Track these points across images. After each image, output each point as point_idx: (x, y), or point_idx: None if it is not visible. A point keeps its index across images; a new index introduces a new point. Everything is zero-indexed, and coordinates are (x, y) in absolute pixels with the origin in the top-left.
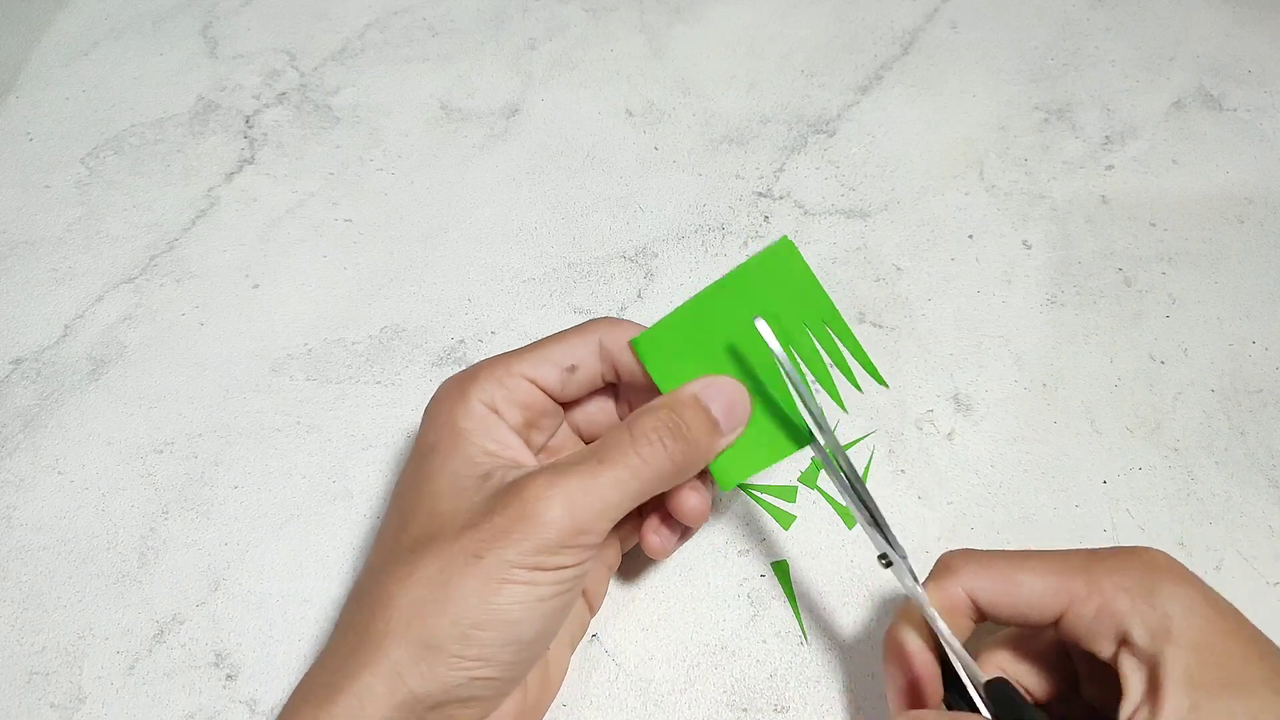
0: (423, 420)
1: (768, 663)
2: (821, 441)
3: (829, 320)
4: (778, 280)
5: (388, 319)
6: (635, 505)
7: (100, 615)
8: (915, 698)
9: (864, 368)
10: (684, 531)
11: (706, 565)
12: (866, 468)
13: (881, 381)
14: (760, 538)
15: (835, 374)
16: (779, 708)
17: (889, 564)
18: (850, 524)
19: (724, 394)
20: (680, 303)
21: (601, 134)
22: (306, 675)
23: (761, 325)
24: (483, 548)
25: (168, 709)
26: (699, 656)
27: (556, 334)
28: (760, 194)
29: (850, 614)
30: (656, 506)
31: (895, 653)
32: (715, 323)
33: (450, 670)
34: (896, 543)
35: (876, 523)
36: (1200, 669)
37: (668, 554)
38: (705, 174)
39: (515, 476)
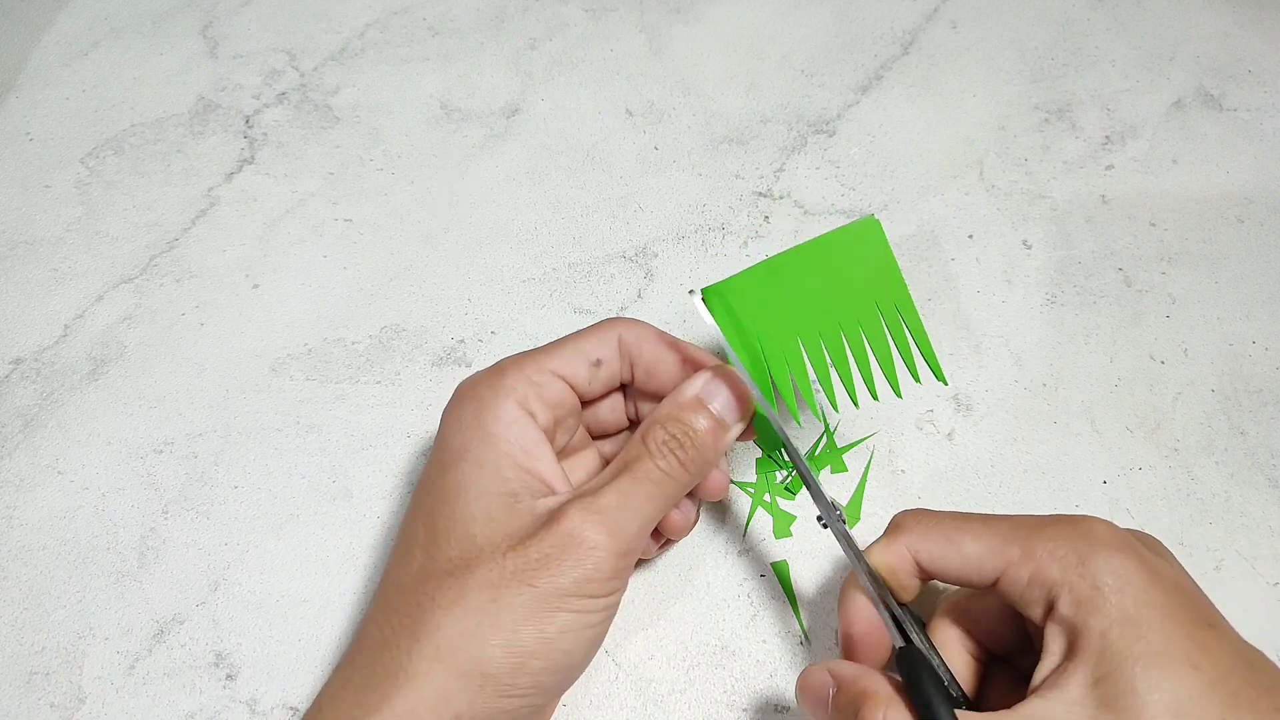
0: (447, 418)
1: (768, 663)
2: (770, 417)
3: (901, 307)
4: (857, 257)
5: (388, 319)
6: (666, 513)
7: (100, 615)
8: (856, 654)
9: (927, 361)
10: (666, 541)
11: (706, 565)
12: (866, 468)
13: (941, 377)
14: (760, 538)
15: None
16: (779, 707)
17: (825, 525)
18: (852, 523)
19: (726, 388)
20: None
21: (601, 134)
22: (333, 691)
23: (697, 301)
24: (535, 577)
25: (168, 709)
26: (699, 656)
27: (575, 333)
28: (760, 194)
29: None
30: None
31: (842, 610)
32: (786, 286)
33: (501, 698)
34: (832, 506)
35: (810, 486)
36: (1119, 641)
37: (649, 555)
38: (705, 174)
39: (547, 507)
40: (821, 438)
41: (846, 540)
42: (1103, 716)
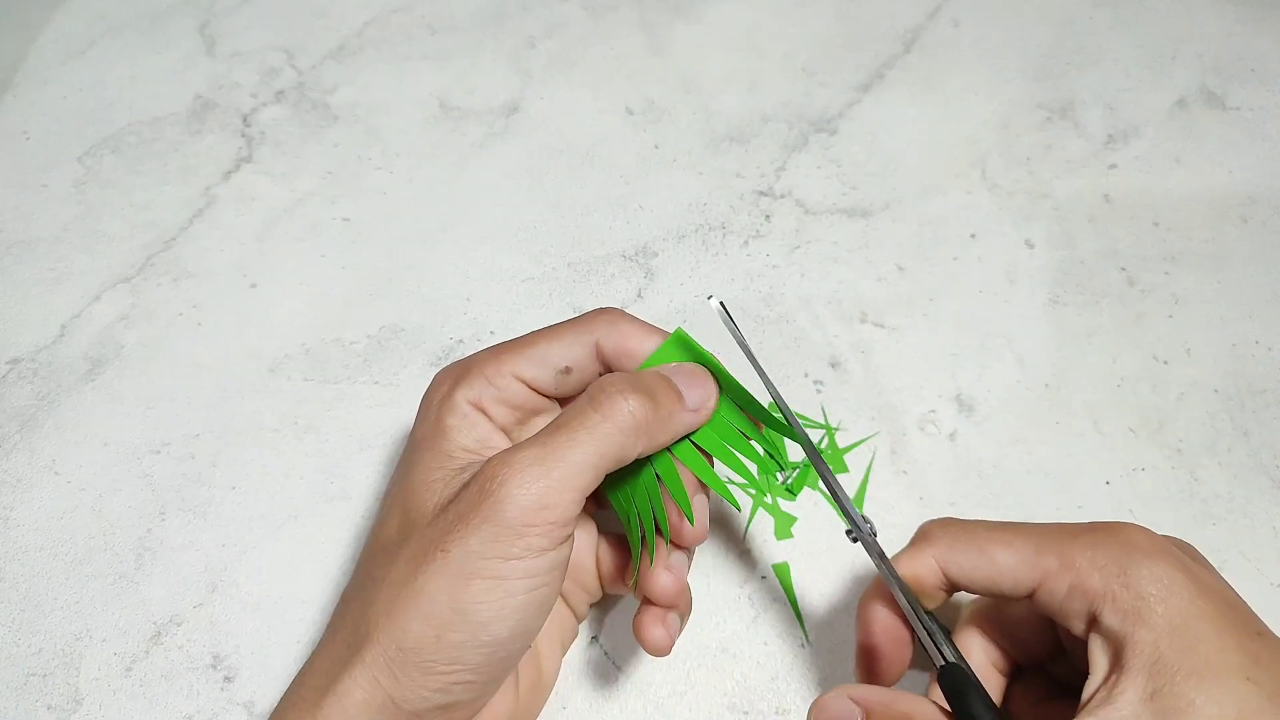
0: (419, 408)
1: (769, 665)
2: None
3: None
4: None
5: (386, 319)
6: (600, 472)
7: (97, 617)
8: (875, 666)
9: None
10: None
11: (707, 567)
12: (868, 469)
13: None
14: (761, 539)
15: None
16: (780, 710)
17: (855, 539)
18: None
19: (689, 373)
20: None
21: (601, 132)
22: (297, 677)
23: (714, 304)
24: (448, 541)
25: (165, 711)
26: (700, 659)
27: (553, 328)
28: (761, 193)
29: (852, 616)
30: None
31: (861, 621)
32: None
33: (424, 675)
34: (861, 518)
35: (839, 500)
36: (1170, 653)
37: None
38: (706, 173)
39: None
40: (823, 439)
41: (878, 553)
42: None
